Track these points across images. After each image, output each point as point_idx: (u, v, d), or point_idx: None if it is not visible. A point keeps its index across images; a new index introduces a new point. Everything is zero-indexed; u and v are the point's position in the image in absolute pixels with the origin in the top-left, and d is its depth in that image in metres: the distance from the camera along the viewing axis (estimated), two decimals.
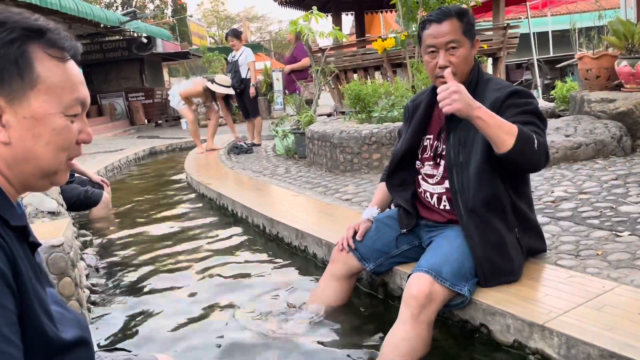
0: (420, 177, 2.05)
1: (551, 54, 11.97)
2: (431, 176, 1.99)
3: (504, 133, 1.65)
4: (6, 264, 0.77)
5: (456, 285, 1.71)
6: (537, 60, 10.04)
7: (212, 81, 6.88)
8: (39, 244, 0.94)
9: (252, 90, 7.12)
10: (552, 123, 4.26)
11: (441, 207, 1.97)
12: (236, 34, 7.42)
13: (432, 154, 1.99)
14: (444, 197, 1.95)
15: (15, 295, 0.78)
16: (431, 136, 2.01)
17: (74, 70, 0.90)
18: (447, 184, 1.91)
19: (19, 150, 0.85)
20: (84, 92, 0.92)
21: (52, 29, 0.87)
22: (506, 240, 1.81)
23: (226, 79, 6.93)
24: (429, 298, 1.68)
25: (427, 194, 2.01)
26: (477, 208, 1.79)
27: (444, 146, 1.93)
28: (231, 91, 6.93)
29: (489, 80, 1.90)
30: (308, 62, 6.94)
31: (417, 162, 2.05)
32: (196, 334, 2.13)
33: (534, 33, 10.50)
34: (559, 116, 4.83)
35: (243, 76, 7.14)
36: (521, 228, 1.88)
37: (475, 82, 1.88)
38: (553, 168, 3.68)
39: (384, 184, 2.21)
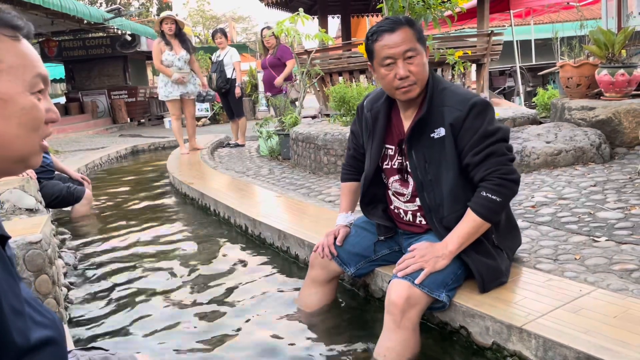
0: (390, 192, 2.03)
1: (534, 62, 12.15)
2: (401, 194, 1.98)
3: (476, 233, 1.76)
4: None
5: (434, 291, 1.72)
6: (520, 67, 10.18)
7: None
8: (8, 237, 0.91)
9: (237, 91, 7.06)
10: (533, 129, 4.32)
11: (417, 221, 1.98)
12: (225, 32, 7.35)
13: (396, 168, 1.95)
14: (418, 214, 1.95)
15: None
16: (392, 147, 1.96)
17: (29, 47, 0.89)
18: (418, 202, 1.91)
19: None
20: (44, 68, 0.90)
21: (1, 8, 0.86)
22: (487, 245, 1.83)
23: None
24: (408, 303, 1.69)
25: (401, 210, 2.01)
26: (452, 225, 1.80)
27: (407, 162, 1.90)
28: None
29: (445, 90, 1.83)
30: (294, 64, 6.92)
31: (382, 175, 2.03)
32: (175, 334, 2.11)
33: (517, 41, 10.65)
34: (540, 123, 4.89)
35: (228, 76, 7.06)
36: (497, 232, 1.88)
37: (431, 92, 1.82)
38: (533, 174, 3.73)
39: (347, 184, 2.19)
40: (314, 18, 9.24)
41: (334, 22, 15.32)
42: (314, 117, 8.38)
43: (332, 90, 5.20)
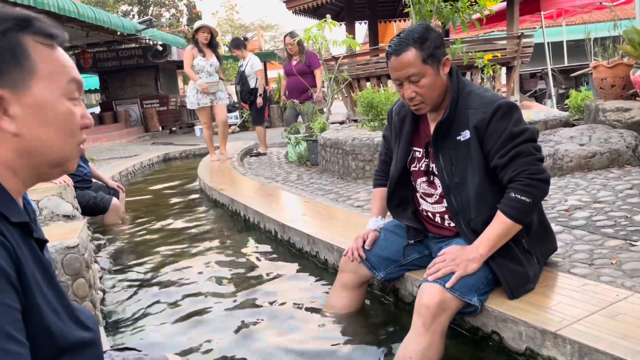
0: (418, 195, 2.03)
1: (565, 64, 11.91)
2: (429, 195, 1.98)
3: (507, 235, 1.74)
4: (8, 262, 0.77)
5: (465, 295, 1.71)
6: (552, 69, 9.99)
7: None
8: (46, 240, 0.94)
9: (259, 101, 7.02)
10: (565, 132, 4.23)
11: (446, 224, 1.97)
12: (236, 44, 7.25)
13: (423, 170, 1.97)
14: (446, 216, 1.95)
15: (20, 294, 0.78)
16: (419, 149, 1.98)
17: (64, 55, 0.92)
18: (446, 203, 1.90)
19: (30, 140, 0.84)
20: (78, 74, 0.93)
21: (39, 17, 0.88)
22: (516, 250, 1.80)
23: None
24: (440, 307, 1.68)
25: (429, 213, 2.01)
26: (479, 228, 1.78)
27: (433, 164, 1.91)
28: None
29: (470, 93, 1.83)
30: (322, 71, 6.93)
31: (411, 177, 2.04)
32: (206, 336, 2.14)
33: (548, 42, 10.46)
34: (573, 125, 4.79)
35: (252, 86, 7.05)
36: (528, 236, 1.85)
37: (456, 99, 1.82)
38: (567, 177, 3.66)
39: (379, 190, 2.20)
40: (341, 24, 9.27)
41: (362, 28, 15.33)
42: (341, 122, 8.40)
43: (359, 95, 5.21)
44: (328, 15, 5.84)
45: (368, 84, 7.67)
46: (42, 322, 0.83)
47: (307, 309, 2.31)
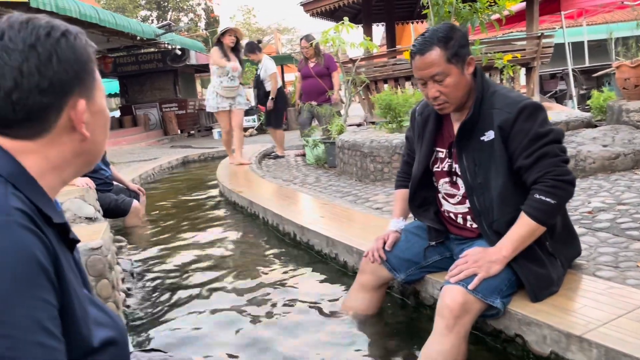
0: (440, 195, 2.02)
1: (587, 64, 11.73)
2: (451, 196, 1.97)
3: (531, 237, 1.71)
4: (48, 260, 0.79)
5: (488, 297, 1.69)
6: (573, 70, 9.85)
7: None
8: (78, 240, 0.96)
9: (269, 104, 7.03)
10: (588, 133, 4.17)
11: (468, 225, 1.95)
12: (250, 49, 7.13)
13: (446, 171, 1.96)
14: (469, 217, 1.93)
15: (57, 291, 0.80)
16: (443, 150, 1.97)
17: None
18: (468, 203, 1.89)
19: (91, 143, 0.91)
20: None
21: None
22: (539, 252, 1.78)
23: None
24: (463, 309, 1.66)
25: (451, 213, 2.00)
26: (502, 230, 1.77)
27: (456, 165, 1.90)
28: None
29: (495, 93, 1.82)
30: (339, 73, 6.93)
31: (433, 178, 2.03)
32: (228, 338, 2.15)
33: (568, 43, 10.31)
34: (595, 126, 4.72)
35: (267, 90, 7.06)
36: (552, 239, 1.83)
37: (480, 97, 1.81)
38: (589, 179, 3.60)
39: (401, 191, 2.19)
40: (358, 27, 9.27)
41: (378, 30, 15.32)
42: (359, 125, 8.38)
43: (378, 97, 5.19)
44: (346, 18, 5.85)
45: (385, 86, 7.65)
46: (74, 321, 0.84)
47: (326, 311, 2.31)
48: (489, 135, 1.79)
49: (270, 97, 7.00)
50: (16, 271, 0.73)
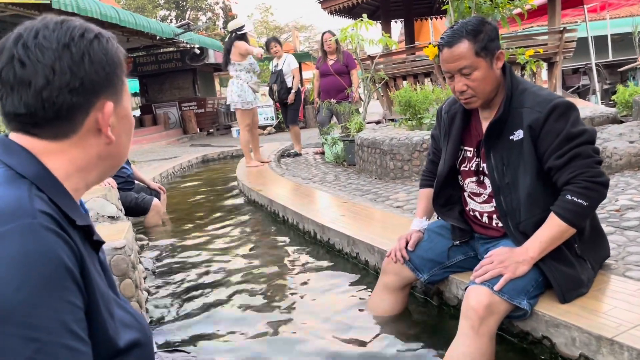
0: (466, 194, 1.99)
1: (610, 58, 11.48)
2: (477, 195, 1.93)
3: (560, 239, 1.68)
4: (74, 262, 0.79)
5: (515, 298, 1.65)
6: (596, 64, 9.64)
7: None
8: (103, 242, 0.96)
9: (290, 97, 6.97)
10: (614, 129, 4.08)
11: (494, 224, 1.92)
12: (279, 40, 7.24)
13: (473, 170, 1.92)
14: (494, 216, 1.89)
15: (83, 293, 0.80)
16: (470, 149, 1.94)
17: None
18: (494, 203, 1.85)
19: (116, 147, 0.92)
20: None
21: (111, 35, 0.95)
22: (568, 254, 1.73)
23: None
24: (488, 310, 1.63)
25: (477, 212, 1.96)
26: (529, 231, 1.73)
27: (484, 164, 1.86)
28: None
29: (525, 91, 1.78)
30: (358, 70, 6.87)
31: (459, 177, 2.00)
32: (250, 338, 2.15)
33: (591, 37, 10.10)
34: (621, 122, 4.61)
35: (289, 86, 6.97)
36: (580, 241, 1.78)
37: (510, 95, 1.78)
38: (616, 175, 3.52)
39: (425, 190, 2.17)
40: (376, 23, 9.21)
41: (396, 26, 15.20)
42: (377, 122, 8.34)
43: (397, 94, 5.16)
44: (364, 15, 5.81)
45: (404, 82, 7.60)
46: (100, 323, 0.85)
47: (348, 311, 2.30)
48: (518, 134, 1.75)
49: (293, 91, 6.96)
50: (42, 274, 0.73)
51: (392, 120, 6.68)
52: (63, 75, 0.82)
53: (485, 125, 1.85)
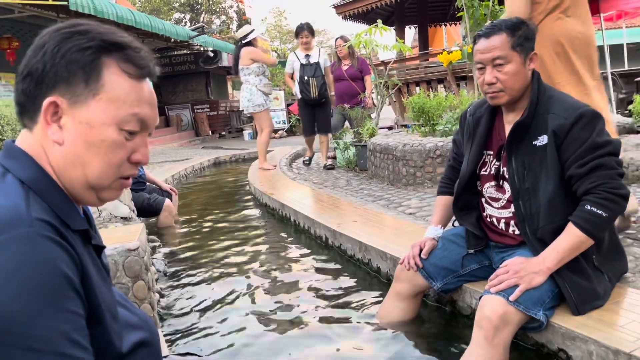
0: (483, 199, 1.97)
1: (626, 67, 11.37)
2: (496, 200, 1.92)
3: (577, 249, 1.66)
4: (73, 269, 0.78)
5: (530, 309, 1.63)
6: (611, 73, 9.55)
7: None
8: (104, 247, 0.96)
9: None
10: (631, 139, 4.04)
11: (510, 231, 1.90)
12: (312, 29, 6.35)
13: (493, 174, 1.91)
14: (512, 222, 1.88)
15: (83, 300, 0.79)
16: (491, 152, 1.93)
17: (145, 89, 0.91)
18: (513, 208, 1.84)
19: (69, 153, 0.86)
20: (148, 112, 0.91)
21: (134, 47, 0.90)
22: (585, 265, 1.71)
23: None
24: (503, 320, 1.61)
25: (494, 218, 1.94)
26: (547, 237, 1.71)
27: (504, 168, 1.85)
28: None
29: (552, 98, 1.78)
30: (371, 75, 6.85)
31: (477, 182, 1.99)
32: (260, 344, 2.14)
33: (607, 45, 10.01)
34: (638, 132, 4.56)
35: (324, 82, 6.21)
36: (598, 253, 1.76)
37: (536, 100, 1.78)
38: (633, 186, 3.47)
39: (442, 197, 2.15)
40: (391, 29, 9.21)
41: (409, 32, 15.18)
42: (390, 128, 8.32)
43: (410, 100, 5.14)
44: (379, 20, 5.81)
45: (417, 88, 7.58)
46: (102, 328, 0.85)
47: (359, 318, 2.28)
48: (542, 139, 1.74)
49: (331, 93, 6.39)
50: (40, 284, 0.73)
51: (405, 126, 6.66)
52: (35, 65, 0.85)
53: (508, 128, 1.84)
